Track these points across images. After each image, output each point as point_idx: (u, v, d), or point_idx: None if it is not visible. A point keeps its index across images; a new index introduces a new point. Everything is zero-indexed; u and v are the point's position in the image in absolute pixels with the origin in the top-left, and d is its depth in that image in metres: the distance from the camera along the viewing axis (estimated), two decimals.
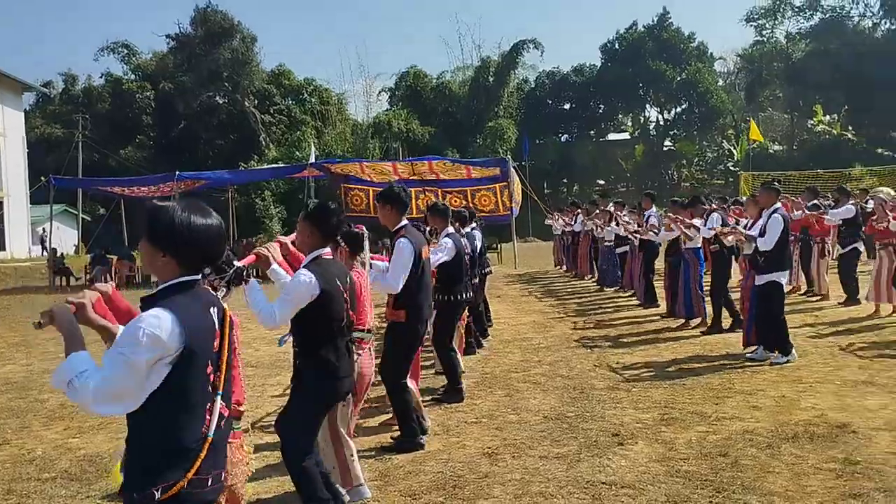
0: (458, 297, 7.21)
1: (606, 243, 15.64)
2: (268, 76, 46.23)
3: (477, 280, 9.02)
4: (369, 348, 5.05)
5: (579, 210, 19.01)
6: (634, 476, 4.95)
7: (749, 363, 8.16)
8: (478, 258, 10.05)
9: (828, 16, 47.33)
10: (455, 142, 40.92)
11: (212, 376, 2.49)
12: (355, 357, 4.57)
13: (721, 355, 8.69)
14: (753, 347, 8.44)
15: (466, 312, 8.33)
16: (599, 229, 15.88)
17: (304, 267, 4.16)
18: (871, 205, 10.61)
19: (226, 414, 2.56)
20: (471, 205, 21.78)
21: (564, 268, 21.02)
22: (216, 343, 2.52)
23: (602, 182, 50.29)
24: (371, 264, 5.35)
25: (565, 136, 51.44)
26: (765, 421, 6.00)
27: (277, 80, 46.22)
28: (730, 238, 9.39)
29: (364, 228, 5.17)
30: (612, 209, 15.57)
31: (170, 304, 2.39)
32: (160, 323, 2.32)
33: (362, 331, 4.89)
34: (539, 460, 5.36)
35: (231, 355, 2.62)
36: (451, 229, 7.33)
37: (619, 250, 15.15)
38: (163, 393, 2.35)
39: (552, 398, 7.08)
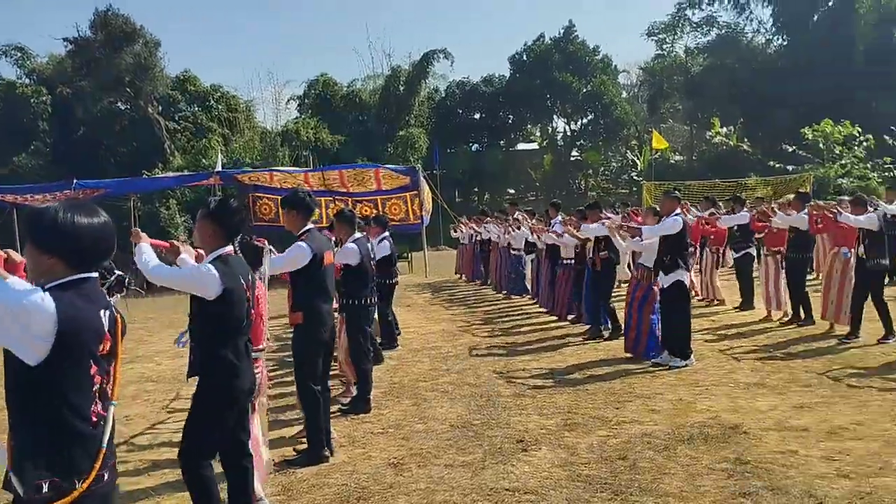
0: (366, 301, 7.19)
1: (514, 251, 15.87)
2: (172, 82, 45.00)
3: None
4: (262, 365, 4.94)
5: (489, 218, 19.24)
6: (537, 482, 5.03)
7: (654, 368, 8.40)
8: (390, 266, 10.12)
9: (724, 32, 49.33)
10: (366, 151, 40.75)
11: (98, 378, 2.44)
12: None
13: (623, 359, 8.93)
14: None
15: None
16: (507, 237, 16.08)
17: (208, 262, 4.07)
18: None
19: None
20: (381, 213, 21.81)
21: (464, 277, 21.25)
22: (106, 346, 2.46)
23: (512, 191, 50.97)
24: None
25: (476, 145, 51.91)
26: (662, 424, 6.20)
27: (182, 86, 45.02)
28: (621, 232, 9.62)
29: (266, 242, 5.10)
30: (521, 217, 15.83)
31: (55, 294, 2.35)
32: (40, 303, 2.30)
33: (258, 350, 4.77)
34: (444, 469, 5.38)
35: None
36: (358, 235, 7.31)
37: (527, 258, 15.40)
38: (44, 382, 2.33)
39: (459, 406, 7.12)
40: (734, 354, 8.95)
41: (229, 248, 4.19)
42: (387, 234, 10.23)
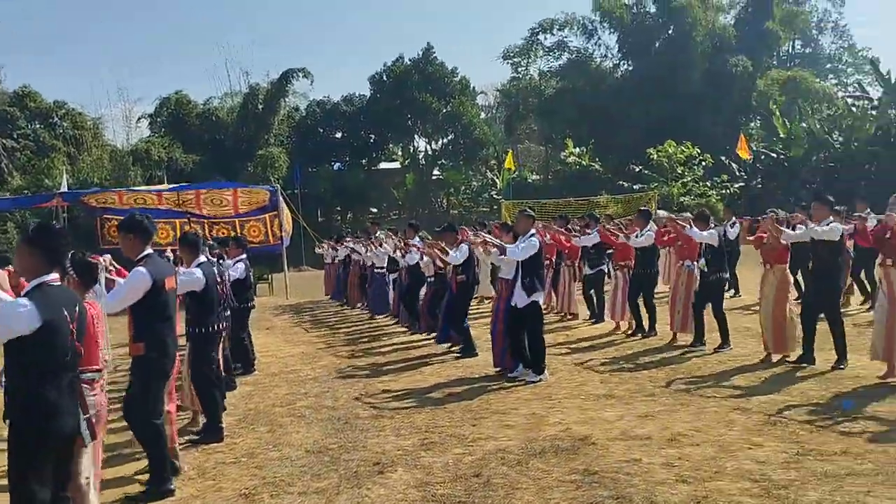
0: (212, 328, 6.96)
1: (378, 270, 15.85)
2: (10, 98, 42.33)
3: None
4: (101, 386, 4.65)
5: (349, 238, 19.14)
6: None
7: (508, 383, 8.57)
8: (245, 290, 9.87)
9: (574, 56, 51.52)
10: (224, 170, 39.68)
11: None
12: (91, 397, 4.25)
13: (481, 377, 9.06)
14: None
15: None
16: (369, 255, 16.04)
17: (24, 295, 3.79)
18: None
19: None
20: (240, 235, 21.26)
21: (332, 297, 21.08)
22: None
23: (375, 210, 51.03)
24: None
25: (337, 164, 51.60)
26: (516, 439, 6.32)
27: (22, 103, 42.35)
28: (482, 249, 9.79)
29: (101, 259, 4.84)
30: (384, 236, 15.88)
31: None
32: None
33: (95, 370, 4.51)
34: (298, 497, 5.27)
35: None
36: (202, 259, 7.07)
37: (390, 277, 15.41)
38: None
39: (316, 431, 7.01)
40: (586, 367, 9.27)
41: (53, 276, 3.92)
42: (244, 256, 9.98)
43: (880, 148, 37.10)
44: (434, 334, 11.94)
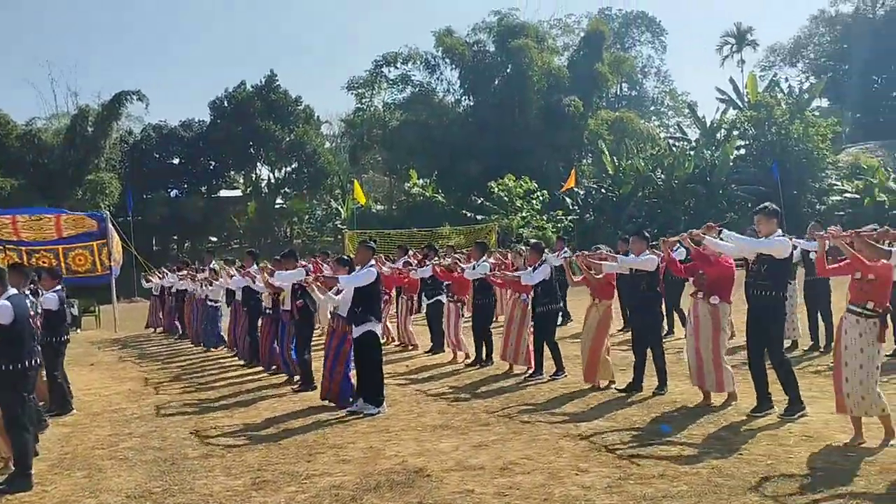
0: (25, 364, 6.43)
1: (211, 303, 15.31)
2: None
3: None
4: None
5: (184, 271, 18.35)
6: None
7: (349, 416, 8.46)
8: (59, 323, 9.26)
9: (417, 90, 52.46)
10: (48, 195, 37.25)
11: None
12: None
13: (319, 409, 8.90)
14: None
15: None
16: (205, 289, 15.47)
17: None
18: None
19: None
20: (63, 264, 19.94)
21: (161, 329, 20.15)
22: None
23: (214, 238, 49.43)
24: None
25: (175, 191, 49.65)
26: (352, 474, 6.23)
27: None
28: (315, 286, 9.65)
29: None
30: (218, 267, 15.39)
31: None
32: None
33: None
34: None
35: None
36: (12, 291, 6.53)
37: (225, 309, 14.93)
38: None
39: (139, 474, 6.61)
40: (426, 397, 9.32)
41: None
42: (60, 287, 9.34)
43: (698, 185, 40.08)
44: (273, 368, 11.67)
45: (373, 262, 9.07)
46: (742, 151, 44.42)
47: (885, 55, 63.28)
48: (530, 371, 10.35)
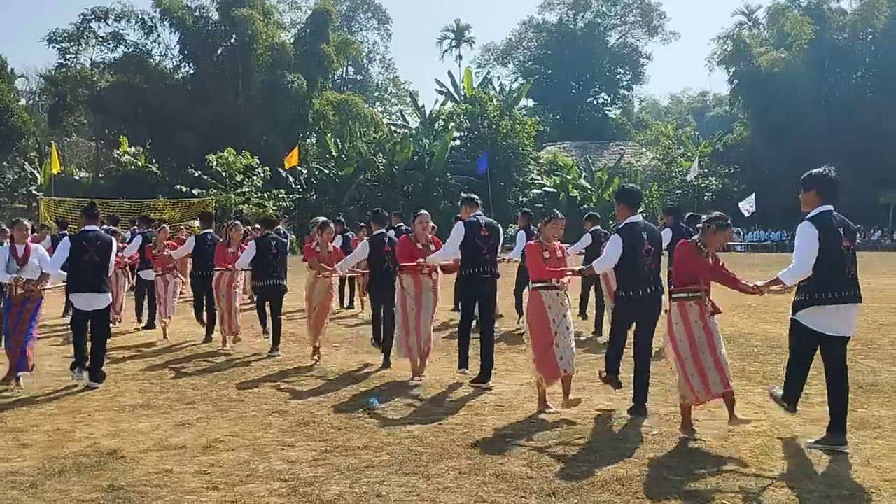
0: None
1: None
2: None
3: None
4: None
5: None
6: None
7: (31, 397, 7.67)
8: None
9: (131, 51, 48.86)
10: None
11: None
12: None
13: None
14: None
15: None
16: None
17: None
18: None
19: None
20: None
21: None
22: None
23: None
24: None
25: None
26: (33, 459, 5.66)
27: None
28: None
29: None
30: None
31: None
32: None
33: None
34: None
35: None
36: None
37: None
38: None
39: None
40: (124, 376, 8.73)
41: None
42: None
43: (417, 171, 41.71)
44: None
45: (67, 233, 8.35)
46: (458, 143, 46.97)
47: (582, 64, 70.32)
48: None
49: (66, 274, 8.20)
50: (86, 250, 8.13)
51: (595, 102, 76.29)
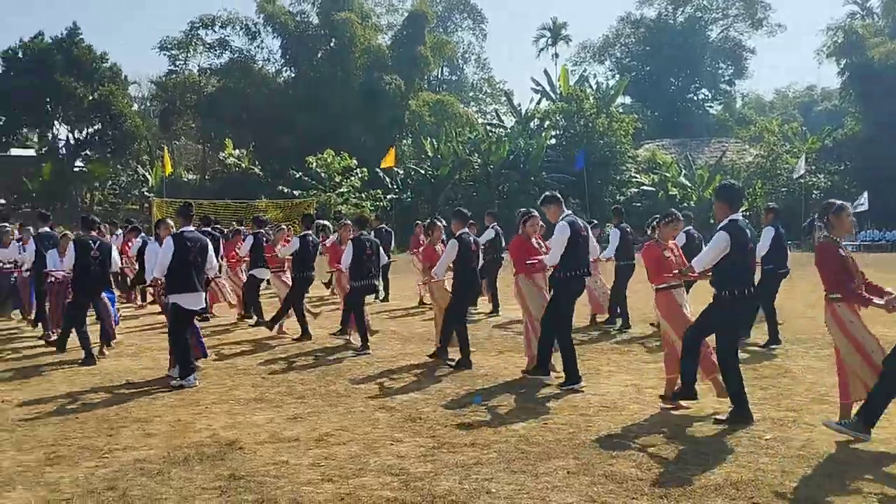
0: None
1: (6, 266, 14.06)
2: None
3: None
4: None
5: None
6: None
7: (154, 390, 8.08)
8: None
9: (236, 56, 50.64)
10: None
11: None
12: None
13: (121, 384, 8.43)
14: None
15: None
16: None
17: None
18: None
19: None
20: None
21: None
22: None
23: (3, 201, 45.35)
24: None
25: None
26: (158, 448, 5.97)
27: None
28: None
29: None
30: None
31: None
32: None
33: None
34: None
35: None
36: None
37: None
38: None
39: None
40: (235, 371, 9.08)
41: None
42: None
43: (512, 171, 41.63)
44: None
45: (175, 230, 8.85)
46: (553, 141, 46.60)
47: (682, 60, 68.61)
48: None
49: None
50: (189, 251, 8.48)
51: (695, 99, 74.45)
